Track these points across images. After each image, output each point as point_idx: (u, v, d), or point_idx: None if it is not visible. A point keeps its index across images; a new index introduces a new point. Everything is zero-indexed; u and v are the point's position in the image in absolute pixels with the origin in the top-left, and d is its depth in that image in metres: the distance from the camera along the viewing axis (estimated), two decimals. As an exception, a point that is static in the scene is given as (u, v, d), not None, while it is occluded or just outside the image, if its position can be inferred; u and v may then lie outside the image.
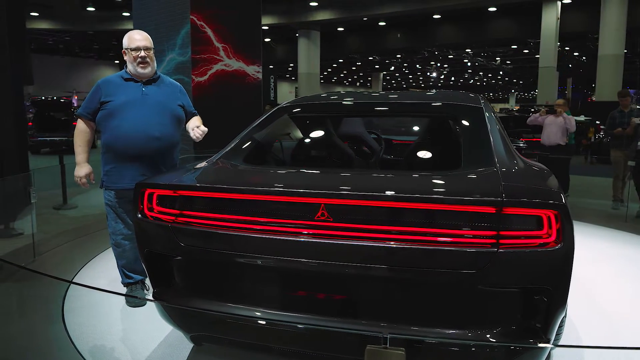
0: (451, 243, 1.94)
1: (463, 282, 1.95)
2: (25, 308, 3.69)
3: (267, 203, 2.15)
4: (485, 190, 2.00)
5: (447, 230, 1.96)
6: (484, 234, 1.93)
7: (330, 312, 2.15)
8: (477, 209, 1.94)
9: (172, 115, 3.48)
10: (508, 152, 2.53)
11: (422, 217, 2.00)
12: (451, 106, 2.90)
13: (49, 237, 5.47)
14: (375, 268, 2.01)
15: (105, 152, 3.43)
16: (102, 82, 3.46)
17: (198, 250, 2.25)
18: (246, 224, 2.18)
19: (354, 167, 3.05)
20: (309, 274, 2.13)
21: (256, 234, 2.14)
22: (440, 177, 2.21)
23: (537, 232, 1.93)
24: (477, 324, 2.03)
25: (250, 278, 2.28)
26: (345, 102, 3.15)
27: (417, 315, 2.10)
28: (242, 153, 2.74)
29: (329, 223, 2.07)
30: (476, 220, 1.94)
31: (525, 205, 1.92)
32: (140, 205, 2.41)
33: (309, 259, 2.07)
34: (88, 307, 3.52)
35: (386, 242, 1.99)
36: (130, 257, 3.56)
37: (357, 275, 2.06)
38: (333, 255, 2.05)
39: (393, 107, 3.04)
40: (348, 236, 2.04)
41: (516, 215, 1.93)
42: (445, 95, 3.18)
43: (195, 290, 2.38)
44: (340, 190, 2.06)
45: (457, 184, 2.17)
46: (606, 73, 19.10)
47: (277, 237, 2.12)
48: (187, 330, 2.40)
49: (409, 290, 2.08)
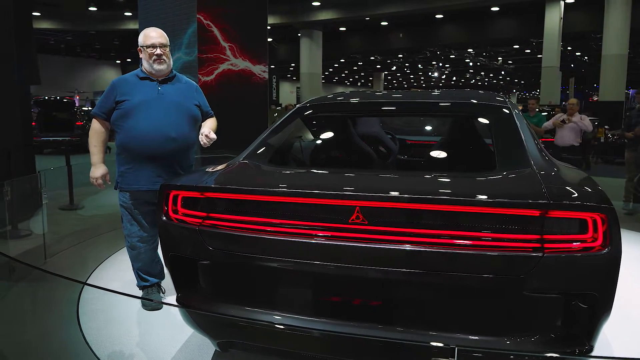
0: (495, 247, 1.88)
1: (507, 288, 1.88)
2: (40, 311, 3.62)
3: (300, 206, 2.09)
4: (529, 193, 1.93)
5: (490, 234, 1.90)
6: (528, 237, 1.87)
7: (366, 319, 2.08)
8: (521, 212, 1.87)
9: (188, 115, 3.40)
10: (541, 152, 2.47)
11: (464, 221, 1.93)
12: (479, 106, 2.83)
13: (59, 238, 5.40)
14: (414, 273, 1.94)
15: (120, 153, 3.35)
16: (117, 81, 3.39)
17: (227, 254, 2.18)
18: (277, 227, 2.11)
19: (378, 167, 2.99)
20: (343, 279, 2.06)
21: (288, 237, 2.08)
22: (481, 179, 2.14)
23: (583, 236, 1.86)
24: (518, 330, 1.97)
25: (281, 283, 2.21)
26: (370, 101, 3.08)
27: (456, 322, 2.03)
28: (266, 154, 2.67)
29: (365, 226, 2.00)
30: (520, 224, 1.88)
31: (571, 208, 1.85)
32: (165, 208, 2.34)
33: (343, 263, 2.00)
34: (103, 310, 3.45)
35: (426, 246, 1.92)
36: (146, 259, 3.49)
37: (394, 281, 1.99)
38: (369, 259, 1.98)
39: (420, 107, 2.97)
40: (385, 240, 1.97)
41: (562, 219, 1.87)
42: (470, 94, 3.11)
43: (223, 295, 2.31)
44: (378, 192, 1.99)
45: (498, 186, 2.10)
46: (610, 73, 19.02)
47: (310, 241, 2.05)
48: (214, 337, 2.33)
49: (448, 296, 2.02)
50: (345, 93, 3.37)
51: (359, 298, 2.10)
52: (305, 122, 3.04)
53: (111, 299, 3.58)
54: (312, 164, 2.94)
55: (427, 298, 2.04)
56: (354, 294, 2.11)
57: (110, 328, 3.21)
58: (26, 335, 3.25)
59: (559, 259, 1.84)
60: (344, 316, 2.09)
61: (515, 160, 2.32)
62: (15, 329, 3.31)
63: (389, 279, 1.99)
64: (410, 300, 2.07)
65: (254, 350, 2.37)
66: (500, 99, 2.91)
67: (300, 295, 2.20)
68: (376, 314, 2.09)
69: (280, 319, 2.15)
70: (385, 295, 2.09)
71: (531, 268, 1.83)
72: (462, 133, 2.94)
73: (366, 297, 2.10)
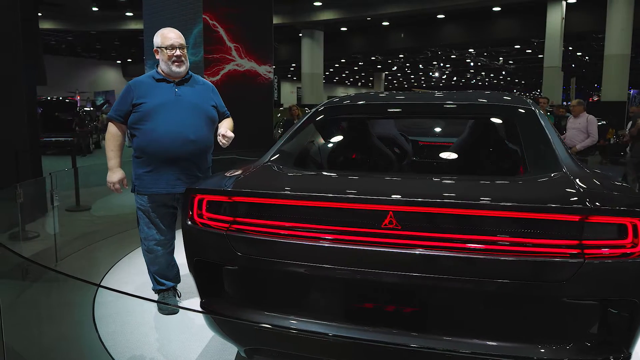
0: (535, 253, 1.84)
1: (548, 294, 1.85)
2: (55, 314, 3.58)
3: (332, 210, 2.05)
4: (569, 198, 1.90)
5: (530, 240, 1.86)
6: (569, 243, 1.83)
7: (399, 326, 2.04)
8: (562, 217, 1.84)
9: (206, 117, 3.37)
10: (570, 155, 2.44)
11: (501, 226, 1.89)
12: (506, 108, 2.79)
13: (68, 240, 5.35)
14: (449, 279, 1.90)
15: (138, 156, 3.31)
16: (134, 83, 3.35)
17: (255, 260, 2.14)
18: (308, 231, 2.07)
19: (405, 170, 2.95)
20: (376, 285, 2.03)
21: (319, 242, 2.04)
22: (517, 184, 2.11)
23: (622, 242, 1.83)
24: (554, 338, 1.93)
25: (312, 289, 2.17)
26: (394, 103, 3.04)
27: (491, 329, 1.99)
28: (290, 157, 2.63)
29: (397, 231, 1.97)
30: (561, 229, 1.84)
31: (611, 214, 1.82)
32: (190, 212, 2.30)
33: (375, 269, 1.97)
34: (119, 314, 3.41)
35: (464, 252, 1.89)
36: (163, 263, 3.45)
37: (428, 287, 1.96)
38: (402, 265, 1.94)
39: (443, 109, 2.93)
40: (419, 245, 1.94)
41: (601, 224, 1.83)
42: (492, 96, 3.07)
43: (250, 301, 2.27)
44: (413, 197, 1.95)
45: (536, 191, 2.06)
46: (612, 73, 19.02)
47: (341, 246, 2.01)
48: (241, 343, 2.29)
49: (484, 303, 1.98)
50: (363, 94, 3.33)
51: (392, 305, 2.07)
52: (327, 124, 3.00)
53: (126, 302, 3.54)
54: (338, 167, 2.90)
55: (462, 305, 2.00)
56: (387, 300, 2.07)
57: (128, 332, 3.17)
58: (43, 338, 3.22)
59: (599, 265, 1.81)
60: (378, 323, 2.06)
61: (546, 164, 2.29)
62: (32, 332, 3.27)
63: (423, 285, 1.95)
64: (444, 307, 2.03)
65: (281, 357, 2.34)
66: (523, 101, 2.88)
67: (330, 302, 2.16)
68: (409, 321, 2.05)
69: (309, 326, 2.11)
70: (418, 302, 2.05)
71: (572, 274, 1.80)
72: (489, 135, 2.91)
73: (400, 303, 2.06)
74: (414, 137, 3.41)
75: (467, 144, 2.91)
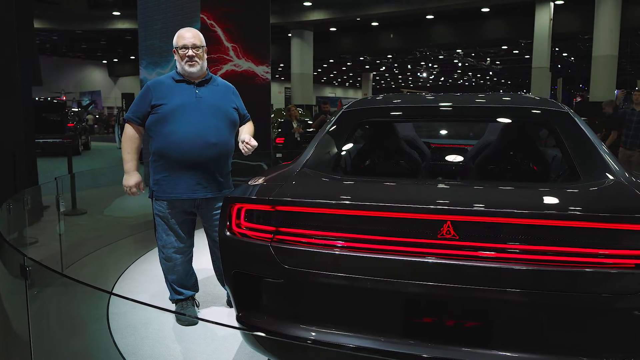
0: (605, 264, 1.76)
1: (618, 307, 1.77)
2: (69, 326, 3.41)
3: (384, 220, 1.94)
4: (635, 206, 1.82)
5: (598, 250, 1.78)
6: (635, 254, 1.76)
7: (456, 341, 1.94)
8: (626, 226, 1.76)
9: (227, 119, 3.24)
10: (616, 160, 2.37)
11: (570, 236, 1.81)
12: (542, 111, 2.70)
13: (71, 246, 5.17)
14: (512, 292, 1.81)
15: (156, 160, 3.18)
16: (153, 84, 3.21)
17: (304, 272, 2.03)
18: (358, 242, 1.97)
19: (447, 176, 2.86)
20: (433, 298, 1.93)
21: (369, 253, 1.94)
22: (576, 191, 2.03)
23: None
24: (625, 352, 1.85)
25: (363, 302, 2.06)
26: (428, 105, 2.94)
27: (552, 343, 1.91)
28: (327, 162, 2.51)
29: (455, 242, 1.87)
30: (631, 239, 1.77)
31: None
32: (228, 222, 2.18)
33: (430, 282, 1.87)
34: (136, 326, 3.26)
35: (528, 263, 1.80)
36: (181, 272, 3.32)
37: (489, 300, 1.86)
38: (460, 277, 1.85)
39: (476, 111, 2.84)
40: (478, 256, 1.85)
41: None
42: (523, 99, 2.99)
43: (294, 316, 2.15)
44: (472, 206, 1.86)
45: (599, 199, 1.98)
46: (600, 74, 19.21)
47: (392, 257, 1.91)
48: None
49: (547, 316, 1.89)
50: (391, 96, 3.23)
51: (448, 319, 1.97)
52: (361, 127, 2.89)
53: (142, 313, 3.39)
54: (378, 173, 2.79)
55: (524, 319, 1.91)
56: (442, 314, 1.97)
57: (148, 346, 3.02)
58: (61, 350, 3.06)
59: None
60: (431, 338, 1.96)
61: (598, 171, 2.21)
62: (47, 340, 3.10)
63: (484, 299, 1.86)
64: (505, 321, 1.94)
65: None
66: (556, 104, 2.80)
67: (380, 316, 2.05)
68: (470, 336, 1.96)
69: (358, 342, 2.00)
70: (479, 315, 1.96)
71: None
72: (528, 140, 2.82)
73: (460, 317, 1.96)
74: (439, 141, 3.33)
75: (505, 148, 2.83)
